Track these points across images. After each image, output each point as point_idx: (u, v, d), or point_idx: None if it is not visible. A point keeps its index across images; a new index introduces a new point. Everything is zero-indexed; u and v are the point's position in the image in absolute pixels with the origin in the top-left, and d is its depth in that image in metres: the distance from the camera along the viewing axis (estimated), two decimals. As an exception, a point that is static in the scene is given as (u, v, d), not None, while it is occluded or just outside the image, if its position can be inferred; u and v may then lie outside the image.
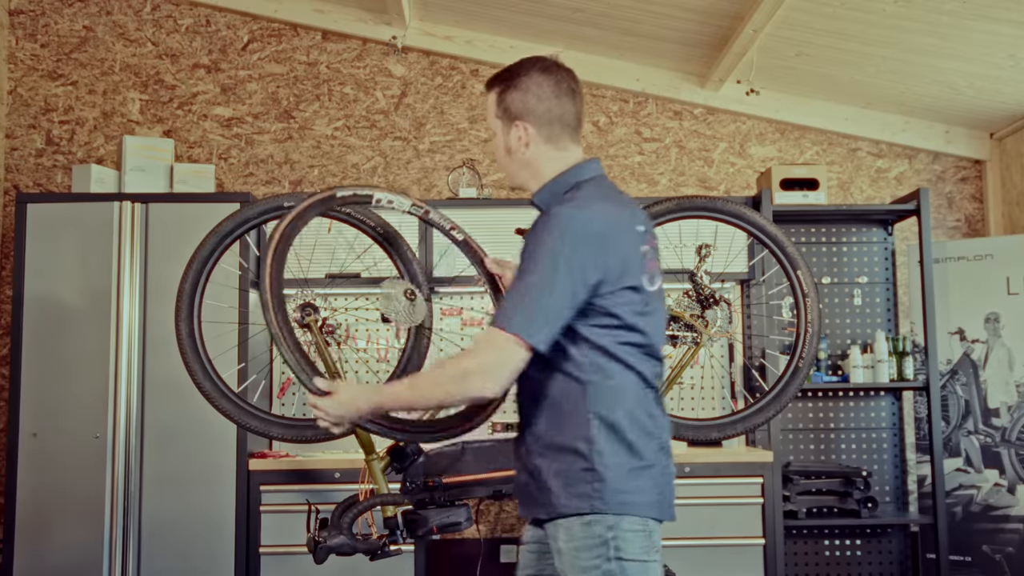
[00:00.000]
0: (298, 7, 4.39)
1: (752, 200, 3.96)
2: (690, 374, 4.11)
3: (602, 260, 1.72)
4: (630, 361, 1.78)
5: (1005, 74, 3.89)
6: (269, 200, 2.51)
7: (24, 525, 3.54)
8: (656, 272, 1.85)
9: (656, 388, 1.84)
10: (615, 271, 1.74)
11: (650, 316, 1.80)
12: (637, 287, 1.77)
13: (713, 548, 3.54)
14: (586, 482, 1.74)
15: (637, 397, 1.78)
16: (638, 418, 1.77)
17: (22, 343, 3.62)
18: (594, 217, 1.75)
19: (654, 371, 1.83)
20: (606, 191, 1.85)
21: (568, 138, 1.88)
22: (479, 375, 1.74)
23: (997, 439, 4.02)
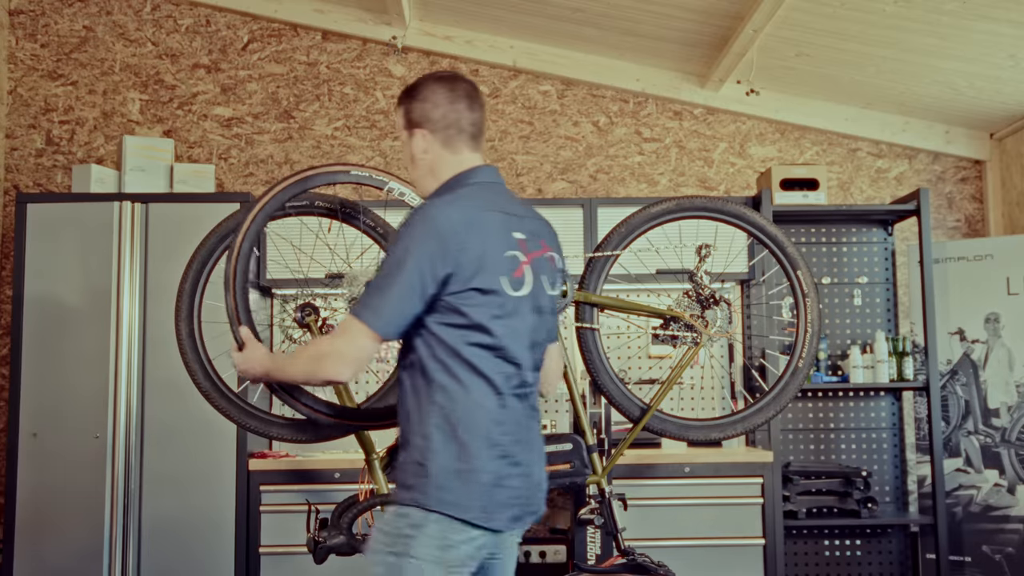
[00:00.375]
0: (298, 7, 4.39)
1: (752, 200, 3.96)
2: (690, 374, 4.12)
3: (452, 256, 1.75)
4: (477, 363, 1.78)
5: (1005, 74, 3.89)
6: None
7: (24, 525, 3.54)
8: (526, 279, 1.85)
9: (511, 394, 1.83)
10: (467, 269, 1.76)
11: (506, 320, 1.80)
12: (491, 290, 1.78)
13: (713, 548, 3.54)
14: (415, 476, 1.78)
15: (479, 401, 1.79)
16: (478, 422, 1.78)
17: (22, 343, 3.62)
18: (450, 213, 1.78)
19: (506, 376, 1.82)
20: (487, 195, 1.89)
21: (463, 144, 1.94)
22: (330, 359, 1.78)
23: (997, 439, 4.02)
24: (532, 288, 1.86)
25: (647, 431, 2.61)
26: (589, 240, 3.86)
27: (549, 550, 4.13)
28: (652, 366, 4.16)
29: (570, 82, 4.47)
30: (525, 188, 4.41)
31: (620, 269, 2.89)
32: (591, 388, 3.81)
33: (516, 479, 1.81)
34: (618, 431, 3.77)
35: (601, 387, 2.59)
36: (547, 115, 4.46)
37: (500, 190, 1.94)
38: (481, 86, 4.44)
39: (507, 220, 1.86)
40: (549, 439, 2.55)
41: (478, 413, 1.78)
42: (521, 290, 1.84)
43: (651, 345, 4.12)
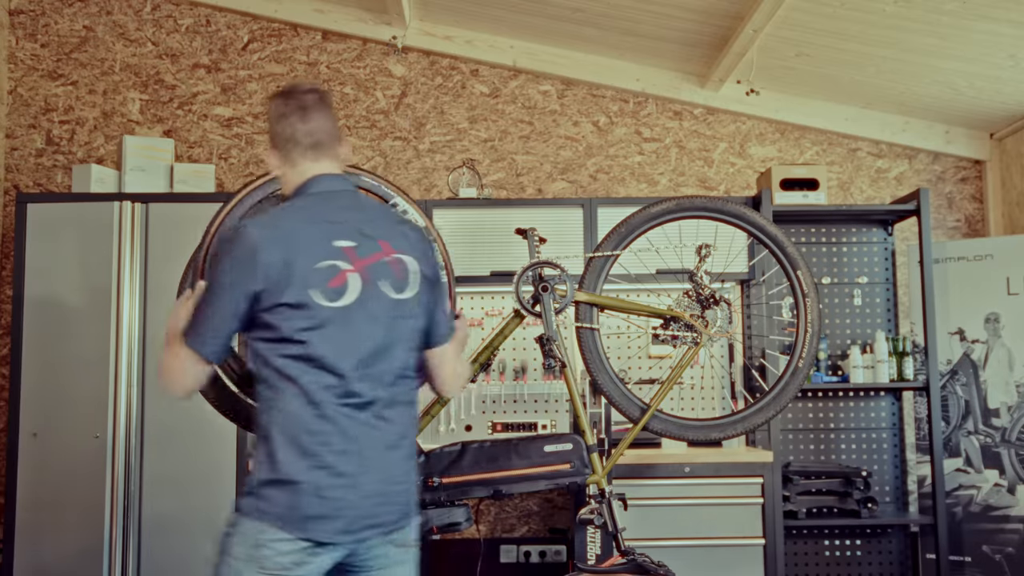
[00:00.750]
0: (298, 7, 4.39)
1: (752, 200, 3.96)
2: (690, 374, 4.12)
3: (261, 273, 1.78)
4: (291, 374, 1.79)
5: (1005, 74, 3.89)
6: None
7: (24, 525, 3.54)
8: (349, 288, 1.83)
9: (335, 404, 1.81)
10: (276, 284, 1.78)
11: (321, 331, 1.79)
12: (300, 303, 1.78)
13: (713, 548, 3.54)
14: (247, 483, 1.87)
15: (294, 411, 1.79)
16: (290, 432, 1.79)
17: (22, 343, 3.62)
18: (258, 231, 1.81)
19: (325, 387, 1.80)
20: (317, 206, 1.89)
21: (300, 156, 1.95)
22: (164, 377, 1.86)
23: (997, 439, 4.02)
24: (360, 295, 1.84)
25: (647, 431, 2.61)
26: (589, 240, 3.86)
27: (549, 550, 4.13)
28: (652, 366, 4.16)
29: (570, 82, 4.47)
30: (525, 188, 4.41)
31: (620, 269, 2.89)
32: (591, 388, 3.81)
33: (339, 490, 1.79)
34: (618, 431, 3.77)
35: (601, 387, 2.59)
36: (547, 115, 4.46)
37: (339, 197, 1.93)
38: (481, 86, 4.45)
39: (329, 229, 1.85)
40: (549, 439, 2.55)
41: (291, 423, 1.79)
42: (341, 300, 1.82)
43: (651, 345, 4.12)
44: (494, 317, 4.17)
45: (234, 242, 1.82)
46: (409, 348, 1.92)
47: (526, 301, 2.58)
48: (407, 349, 1.91)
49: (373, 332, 1.85)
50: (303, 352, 1.78)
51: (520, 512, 4.22)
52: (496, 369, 4.12)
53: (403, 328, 1.90)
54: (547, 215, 3.89)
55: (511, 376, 4.12)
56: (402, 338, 1.89)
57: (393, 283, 1.88)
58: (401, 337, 1.89)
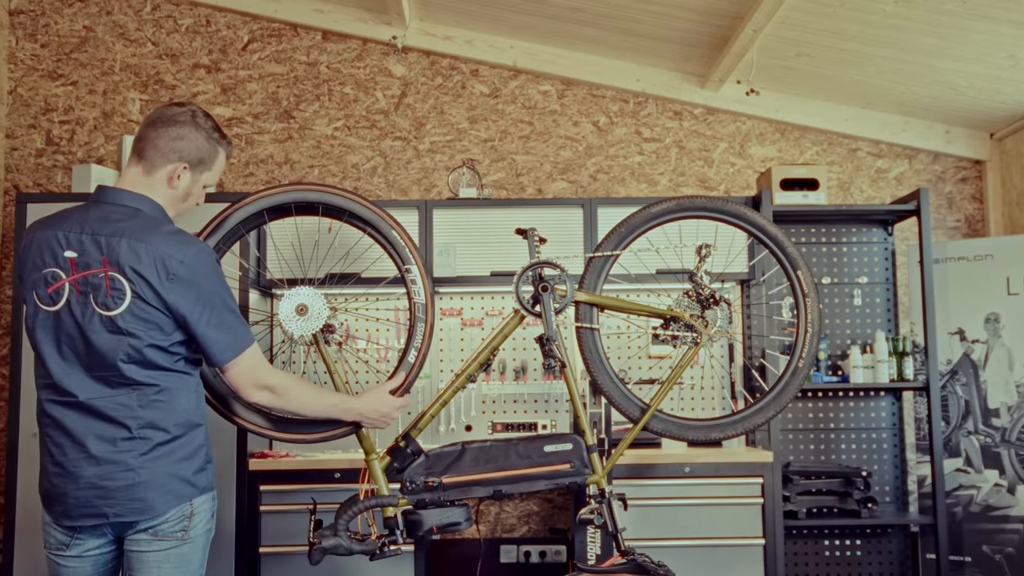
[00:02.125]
0: (298, 7, 4.39)
1: (752, 200, 3.96)
2: (690, 374, 4.12)
3: (19, 267, 2.07)
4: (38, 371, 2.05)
5: (1005, 74, 3.89)
6: None
7: (24, 525, 3.54)
8: (61, 296, 1.99)
9: (47, 399, 2.03)
10: (23, 279, 2.04)
11: (39, 330, 2.02)
12: (26, 300, 2.03)
13: (713, 548, 3.54)
14: None
15: (38, 407, 2.06)
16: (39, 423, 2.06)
17: (22, 343, 3.62)
18: (31, 230, 2.06)
19: (43, 383, 2.04)
20: (74, 215, 2.04)
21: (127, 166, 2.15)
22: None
23: (997, 439, 4.02)
24: (64, 305, 1.99)
25: (647, 431, 2.61)
26: (589, 240, 3.86)
27: (549, 550, 4.13)
28: (652, 366, 4.16)
29: (570, 82, 4.47)
30: (525, 188, 4.41)
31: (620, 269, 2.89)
32: (591, 388, 3.81)
33: (58, 479, 2.00)
34: (618, 431, 3.77)
35: (601, 387, 2.59)
36: (547, 115, 4.46)
37: (96, 208, 2.05)
38: (481, 86, 4.45)
39: (63, 238, 2.00)
40: (549, 439, 2.55)
41: (38, 417, 2.07)
42: (55, 305, 2.00)
43: (651, 345, 4.12)
44: (494, 317, 4.17)
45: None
46: (125, 360, 1.98)
47: (526, 301, 2.58)
48: (122, 360, 1.98)
49: (75, 339, 1.99)
50: (34, 346, 2.03)
51: (520, 512, 4.22)
52: (496, 369, 4.12)
53: (112, 341, 1.98)
54: (547, 215, 3.89)
55: (511, 376, 4.12)
56: (112, 349, 1.98)
57: (101, 299, 1.98)
58: (111, 348, 1.98)
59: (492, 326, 4.15)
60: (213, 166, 2.18)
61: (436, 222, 3.87)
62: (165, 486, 2.00)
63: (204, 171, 2.16)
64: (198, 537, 2.07)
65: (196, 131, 2.12)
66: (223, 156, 2.21)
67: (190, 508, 2.04)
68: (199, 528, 2.07)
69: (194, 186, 2.16)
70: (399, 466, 2.48)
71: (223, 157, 2.21)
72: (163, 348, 2.01)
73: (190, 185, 2.14)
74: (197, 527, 2.06)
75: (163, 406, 2.02)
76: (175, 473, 2.02)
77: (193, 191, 2.16)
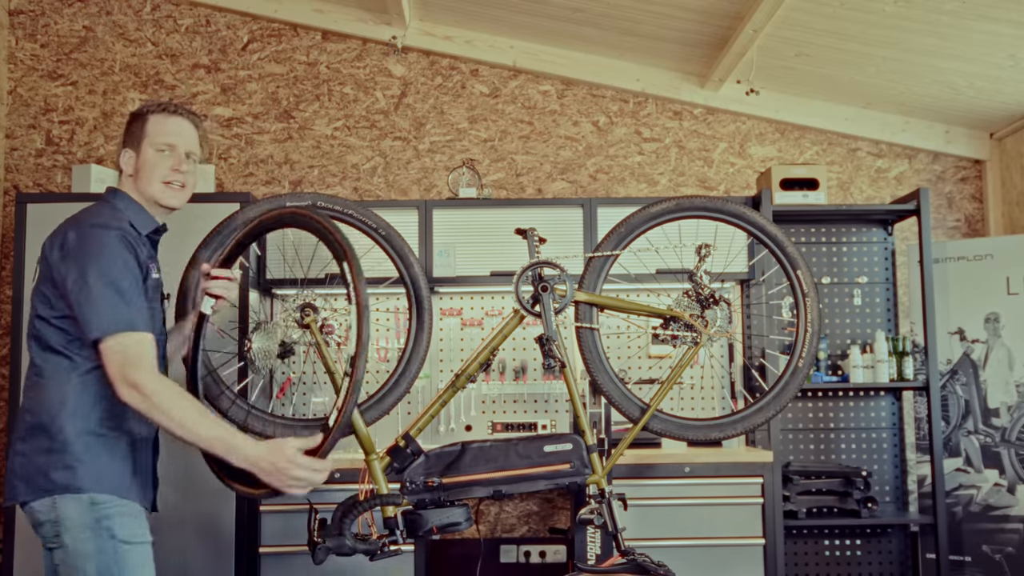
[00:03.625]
0: (298, 7, 4.39)
1: (752, 200, 3.96)
2: (690, 374, 4.12)
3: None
4: None
5: (1005, 74, 3.89)
6: (272, 200, 2.51)
7: (24, 525, 3.53)
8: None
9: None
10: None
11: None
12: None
13: (713, 548, 3.54)
14: None
15: None
16: None
17: (22, 343, 3.62)
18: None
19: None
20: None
21: None
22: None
23: (997, 439, 4.02)
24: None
25: (647, 431, 2.60)
26: (589, 240, 3.86)
27: (549, 550, 4.13)
28: (652, 366, 4.16)
29: (570, 82, 4.47)
30: (525, 188, 4.41)
31: (620, 269, 2.88)
32: (591, 388, 3.81)
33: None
34: (618, 431, 3.77)
35: (601, 387, 2.59)
36: (547, 115, 4.46)
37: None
38: (481, 86, 4.45)
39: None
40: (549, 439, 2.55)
41: None
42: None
43: (651, 345, 4.12)
44: (494, 317, 4.17)
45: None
46: (29, 335, 2.09)
47: (526, 301, 2.58)
48: (29, 336, 2.09)
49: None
50: None
51: (520, 512, 4.22)
52: (496, 369, 4.12)
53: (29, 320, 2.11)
54: (547, 215, 3.89)
55: (511, 376, 4.12)
56: (28, 328, 2.11)
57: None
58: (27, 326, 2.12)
59: (492, 326, 4.15)
60: (146, 130, 2.19)
61: (436, 222, 3.87)
62: (26, 472, 2.01)
63: (141, 139, 2.19)
64: (82, 549, 1.95)
65: (131, 120, 2.24)
66: (156, 117, 2.20)
67: (54, 508, 1.97)
68: (79, 537, 1.96)
69: (143, 160, 2.19)
70: (399, 466, 2.48)
71: (157, 118, 2.20)
72: (48, 321, 2.05)
73: (136, 160, 2.20)
74: (75, 535, 1.96)
75: (39, 389, 2.04)
76: (33, 461, 2.01)
77: (143, 164, 2.19)
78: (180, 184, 2.22)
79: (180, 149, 2.21)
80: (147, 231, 2.18)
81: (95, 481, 1.99)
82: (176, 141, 2.19)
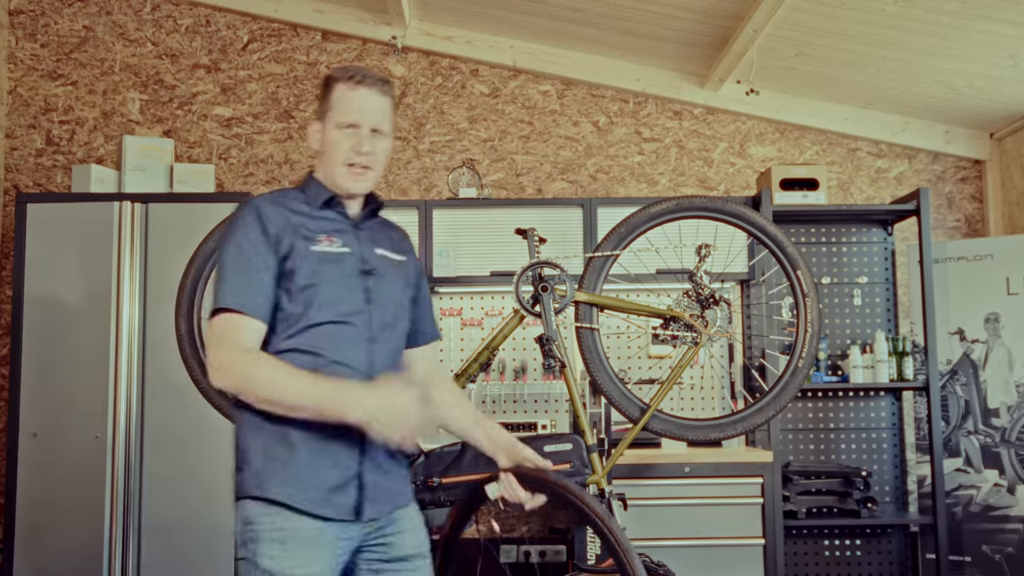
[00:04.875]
0: (298, 7, 4.39)
1: (752, 200, 3.96)
2: (690, 374, 4.12)
3: None
4: None
5: (1005, 74, 3.89)
6: None
7: (24, 525, 3.54)
8: None
9: None
10: None
11: None
12: None
13: (713, 548, 3.54)
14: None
15: None
16: None
17: (22, 343, 3.62)
18: None
19: None
20: None
21: None
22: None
23: (997, 439, 4.02)
24: None
25: (647, 431, 2.61)
26: (589, 240, 3.86)
27: (549, 550, 4.13)
28: (652, 366, 4.16)
29: (570, 82, 4.47)
30: (525, 188, 4.41)
31: (620, 269, 2.88)
32: (591, 388, 3.81)
33: None
34: (618, 431, 3.77)
35: (601, 387, 2.59)
36: (547, 115, 4.46)
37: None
38: (481, 86, 4.45)
39: None
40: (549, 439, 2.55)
41: None
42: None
43: (651, 345, 4.12)
44: (494, 317, 4.17)
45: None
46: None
47: (526, 301, 2.58)
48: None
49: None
50: None
51: (520, 512, 4.22)
52: (496, 369, 4.12)
53: None
54: (547, 215, 3.89)
55: (511, 376, 4.12)
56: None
57: None
58: None
59: (492, 326, 4.15)
60: (331, 102, 1.91)
61: (436, 222, 3.87)
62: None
63: (326, 113, 1.92)
64: (256, 558, 1.78)
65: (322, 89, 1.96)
66: (341, 88, 1.91)
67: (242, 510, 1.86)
68: (253, 545, 1.80)
69: (327, 137, 1.91)
70: (399, 466, 2.47)
71: (341, 89, 1.91)
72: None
73: (322, 136, 1.93)
74: (250, 543, 1.80)
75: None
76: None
77: (327, 142, 1.92)
78: (364, 166, 1.91)
79: (364, 127, 1.89)
80: (318, 204, 1.91)
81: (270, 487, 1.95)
82: (359, 119, 1.88)
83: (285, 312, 1.80)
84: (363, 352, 1.85)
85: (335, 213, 1.93)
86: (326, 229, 1.89)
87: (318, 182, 1.94)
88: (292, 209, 1.88)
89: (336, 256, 1.87)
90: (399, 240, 2.05)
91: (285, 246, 1.81)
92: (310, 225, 1.87)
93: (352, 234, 1.92)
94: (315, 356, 1.79)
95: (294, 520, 1.76)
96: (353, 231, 1.93)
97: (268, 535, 1.76)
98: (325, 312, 1.81)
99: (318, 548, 1.77)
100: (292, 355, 1.78)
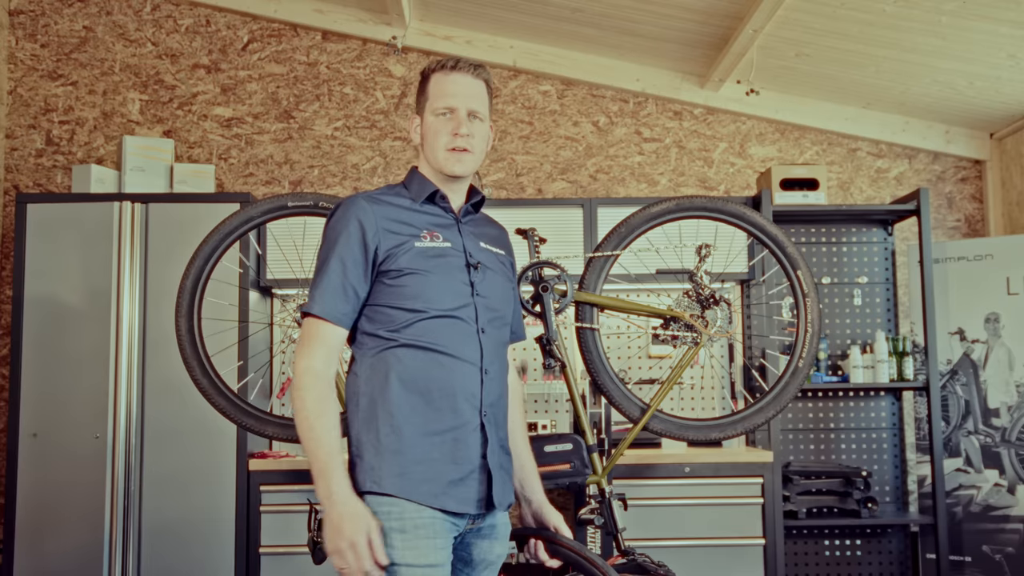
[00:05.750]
0: (298, 7, 4.39)
1: (752, 200, 3.96)
2: (690, 374, 4.12)
3: None
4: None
5: (1005, 74, 3.89)
6: (272, 200, 2.51)
7: (24, 525, 3.54)
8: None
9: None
10: None
11: None
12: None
13: (713, 548, 3.54)
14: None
15: None
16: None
17: (22, 343, 3.62)
18: None
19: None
20: None
21: None
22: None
23: (997, 439, 4.02)
24: None
25: (647, 431, 2.61)
26: (589, 240, 3.86)
27: (549, 550, 4.13)
28: (652, 366, 4.16)
29: (570, 82, 4.47)
30: (525, 188, 4.41)
31: (620, 269, 2.89)
32: (591, 388, 3.81)
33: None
34: (618, 431, 3.77)
35: (601, 387, 2.59)
36: (547, 115, 4.46)
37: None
38: (481, 86, 4.44)
39: None
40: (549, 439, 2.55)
41: None
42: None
43: (651, 345, 4.12)
44: (494, 317, 4.16)
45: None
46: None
47: (526, 301, 2.58)
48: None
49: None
50: None
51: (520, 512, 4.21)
52: (496, 369, 4.11)
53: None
54: (547, 215, 3.89)
55: (511, 376, 4.12)
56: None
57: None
58: None
59: (492, 326, 4.15)
60: (427, 93, 1.95)
61: (436, 222, 3.87)
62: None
63: (424, 104, 1.96)
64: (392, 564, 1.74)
65: (419, 84, 1.97)
66: (436, 77, 1.94)
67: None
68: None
69: (426, 126, 1.95)
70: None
71: (436, 78, 1.94)
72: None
73: (421, 127, 1.96)
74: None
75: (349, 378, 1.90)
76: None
77: (427, 131, 1.95)
78: (463, 148, 1.91)
79: (461, 110, 1.91)
80: (422, 198, 1.93)
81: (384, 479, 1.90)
82: (455, 103, 1.91)
83: (390, 308, 1.83)
84: (474, 345, 1.91)
85: (438, 208, 1.94)
86: (429, 224, 1.91)
87: (421, 176, 1.96)
88: (394, 205, 1.90)
89: (439, 251, 1.89)
90: (499, 236, 2.07)
91: (385, 247, 1.83)
92: (413, 220, 1.89)
93: (455, 228, 1.94)
94: (429, 351, 1.82)
95: (410, 510, 1.77)
96: (456, 225, 1.95)
97: (387, 525, 1.76)
98: (433, 307, 1.84)
99: (439, 538, 1.79)
100: (405, 351, 1.81)
